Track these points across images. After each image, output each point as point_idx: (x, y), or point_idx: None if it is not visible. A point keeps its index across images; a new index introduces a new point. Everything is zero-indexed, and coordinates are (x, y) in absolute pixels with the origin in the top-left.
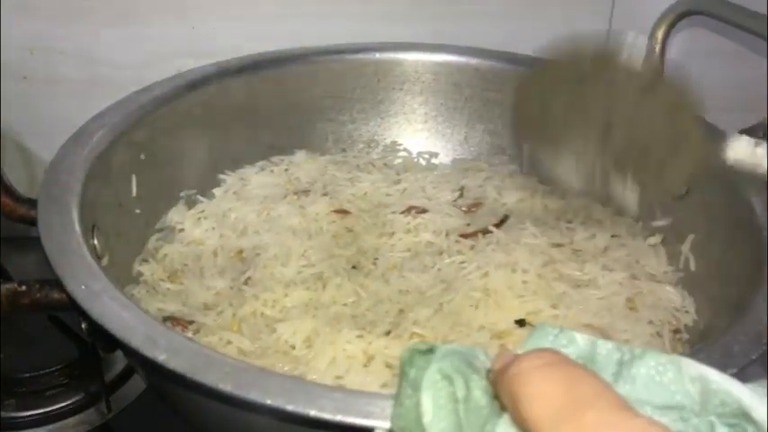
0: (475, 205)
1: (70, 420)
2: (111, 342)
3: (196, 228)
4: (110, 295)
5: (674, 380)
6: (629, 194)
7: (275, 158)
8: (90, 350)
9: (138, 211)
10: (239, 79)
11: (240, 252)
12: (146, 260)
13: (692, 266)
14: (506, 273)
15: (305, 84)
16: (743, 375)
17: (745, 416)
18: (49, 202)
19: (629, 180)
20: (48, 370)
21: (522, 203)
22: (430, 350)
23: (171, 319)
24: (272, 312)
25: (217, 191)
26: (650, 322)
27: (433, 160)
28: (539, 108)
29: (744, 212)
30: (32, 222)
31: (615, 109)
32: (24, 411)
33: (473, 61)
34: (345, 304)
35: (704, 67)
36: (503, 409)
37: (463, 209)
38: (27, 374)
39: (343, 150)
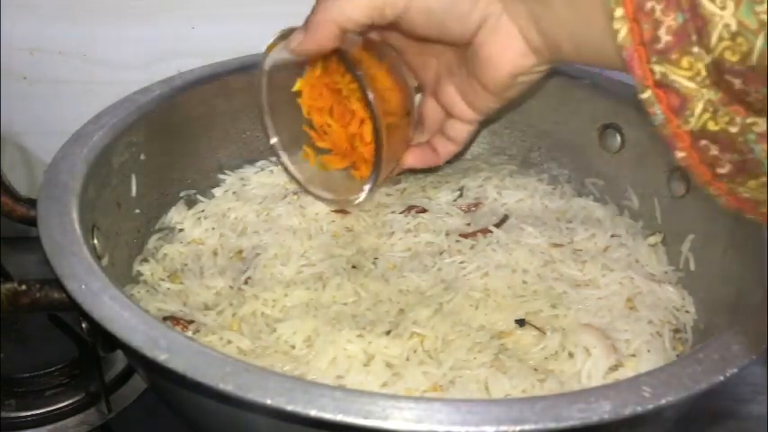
0: (475, 205)
1: (70, 420)
2: (112, 342)
3: (196, 228)
4: (110, 295)
5: None
6: None
7: (275, 158)
8: (90, 350)
9: (137, 211)
10: (239, 79)
11: (240, 252)
12: (146, 260)
13: (692, 266)
14: (506, 273)
15: None
16: (743, 375)
17: None
18: (49, 202)
19: None
20: (48, 370)
21: (522, 203)
22: None
23: (171, 319)
24: (272, 312)
25: (217, 191)
26: (650, 322)
27: None
28: None
29: None
30: (32, 222)
31: None
32: (24, 411)
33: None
34: (345, 304)
35: None
36: None
37: (463, 209)
38: (27, 374)
39: None
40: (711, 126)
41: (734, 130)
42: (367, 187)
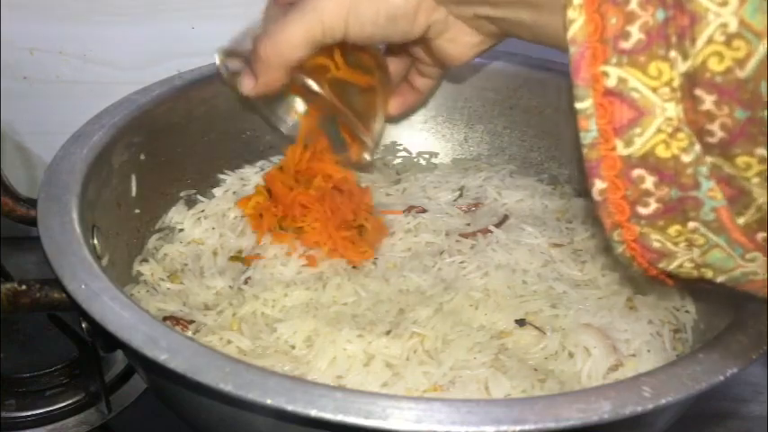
0: (475, 205)
1: (70, 420)
2: (112, 342)
3: (196, 228)
4: (110, 295)
5: None
6: None
7: (275, 158)
8: (90, 350)
9: (138, 211)
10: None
11: (240, 252)
12: (146, 260)
13: None
14: (506, 273)
15: None
16: (743, 375)
17: None
18: (49, 202)
19: None
20: (48, 370)
21: (522, 203)
22: None
23: (171, 319)
24: (272, 312)
25: (217, 191)
26: (650, 322)
27: (433, 160)
28: None
29: None
30: (32, 222)
31: None
32: (24, 411)
33: (473, 61)
34: (345, 304)
35: None
36: None
37: (463, 209)
38: (27, 374)
39: None
40: (660, 151)
41: (687, 158)
42: (367, 152)
